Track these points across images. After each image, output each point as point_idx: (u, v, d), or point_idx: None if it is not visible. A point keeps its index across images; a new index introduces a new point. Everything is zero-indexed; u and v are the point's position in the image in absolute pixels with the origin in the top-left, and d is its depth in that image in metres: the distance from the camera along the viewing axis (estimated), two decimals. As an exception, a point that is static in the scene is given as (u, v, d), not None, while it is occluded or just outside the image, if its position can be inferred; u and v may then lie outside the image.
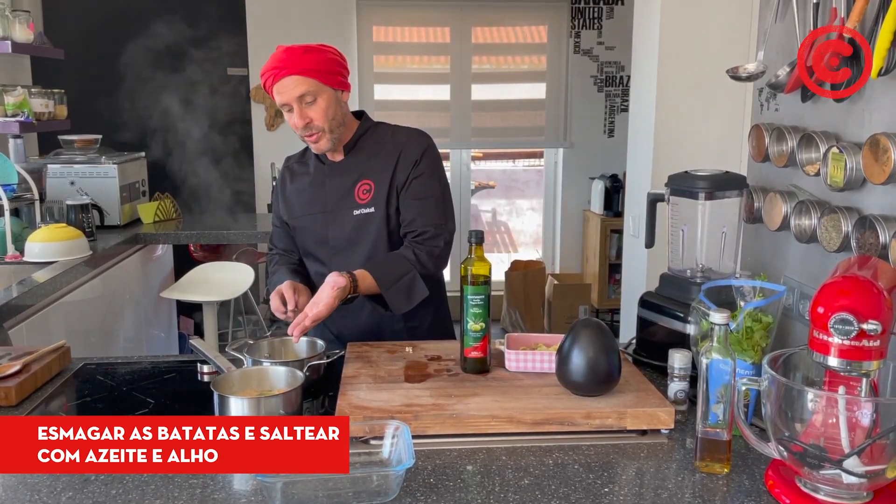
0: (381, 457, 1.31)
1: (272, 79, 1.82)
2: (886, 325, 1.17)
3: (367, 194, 1.93)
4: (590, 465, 1.33)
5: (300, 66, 1.80)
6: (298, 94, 1.81)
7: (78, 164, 3.59)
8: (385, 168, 1.93)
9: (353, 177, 1.95)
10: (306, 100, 1.82)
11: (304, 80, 1.81)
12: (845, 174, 1.61)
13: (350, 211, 1.94)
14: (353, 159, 1.96)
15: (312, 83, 1.81)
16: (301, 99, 1.82)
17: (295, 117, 1.84)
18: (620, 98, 5.55)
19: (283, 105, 1.84)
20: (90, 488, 1.25)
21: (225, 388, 1.48)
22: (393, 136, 1.98)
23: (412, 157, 1.93)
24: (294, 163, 2.09)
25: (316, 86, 1.82)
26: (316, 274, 2.03)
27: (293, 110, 1.83)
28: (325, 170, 1.98)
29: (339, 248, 1.97)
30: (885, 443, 1.15)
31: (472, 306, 1.63)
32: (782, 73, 1.88)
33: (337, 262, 1.96)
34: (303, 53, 1.81)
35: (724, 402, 1.28)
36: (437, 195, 1.95)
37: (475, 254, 1.63)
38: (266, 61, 1.84)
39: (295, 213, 2.02)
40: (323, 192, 1.97)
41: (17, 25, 3.59)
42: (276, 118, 5.19)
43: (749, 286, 1.56)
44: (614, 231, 5.29)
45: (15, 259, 2.87)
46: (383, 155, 1.95)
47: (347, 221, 1.94)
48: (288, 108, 1.85)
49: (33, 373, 1.68)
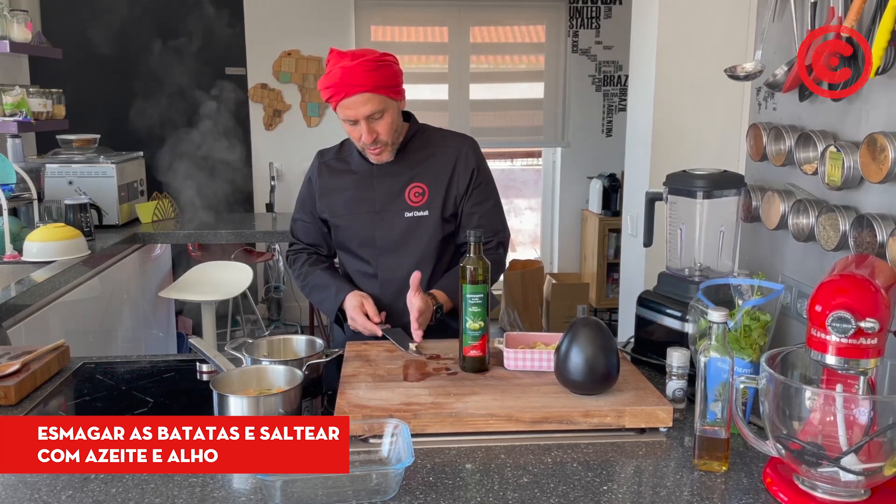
0: (381, 455, 1.32)
1: (342, 95, 1.78)
2: (884, 323, 1.17)
3: (419, 197, 1.93)
4: (588, 464, 1.33)
5: (372, 83, 1.77)
6: (368, 112, 1.79)
7: (76, 163, 3.59)
8: (440, 173, 1.94)
9: (404, 179, 1.95)
10: (375, 117, 1.81)
11: (375, 98, 1.78)
12: (843, 173, 1.61)
13: (401, 213, 1.94)
14: (404, 161, 1.95)
15: (382, 100, 1.80)
16: (370, 116, 1.80)
17: (363, 133, 1.82)
18: (618, 97, 5.55)
19: (347, 119, 1.82)
20: (90, 487, 1.25)
21: (224, 387, 1.48)
22: (444, 140, 2.00)
23: (471, 165, 1.96)
24: (332, 159, 2.05)
25: (385, 102, 1.81)
26: (357, 272, 2.02)
27: (359, 125, 1.81)
28: (372, 170, 1.96)
29: (387, 249, 1.96)
30: (883, 440, 1.15)
31: (470, 305, 1.64)
32: (780, 72, 1.89)
33: (384, 262, 1.97)
34: (374, 69, 1.77)
35: (723, 400, 1.29)
36: (496, 201, 2.01)
37: (474, 253, 1.64)
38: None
39: (338, 211, 2.00)
40: (371, 192, 1.96)
41: (15, 25, 3.59)
42: (274, 118, 5.20)
43: (747, 285, 1.56)
44: (612, 230, 5.30)
45: (13, 259, 2.87)
46: (437, 159, 1.96)
47: (397, 223, 1.94)
48: (352, 122, 1.82)
49: (32, 372, 1.68)
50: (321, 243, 2.09)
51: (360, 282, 2.03)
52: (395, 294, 1.94)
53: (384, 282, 1.98)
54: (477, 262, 1.63)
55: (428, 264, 1.96)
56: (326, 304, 1.99)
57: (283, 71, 5.12)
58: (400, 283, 1.88)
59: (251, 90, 5.15)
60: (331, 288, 1.98)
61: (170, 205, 4.00)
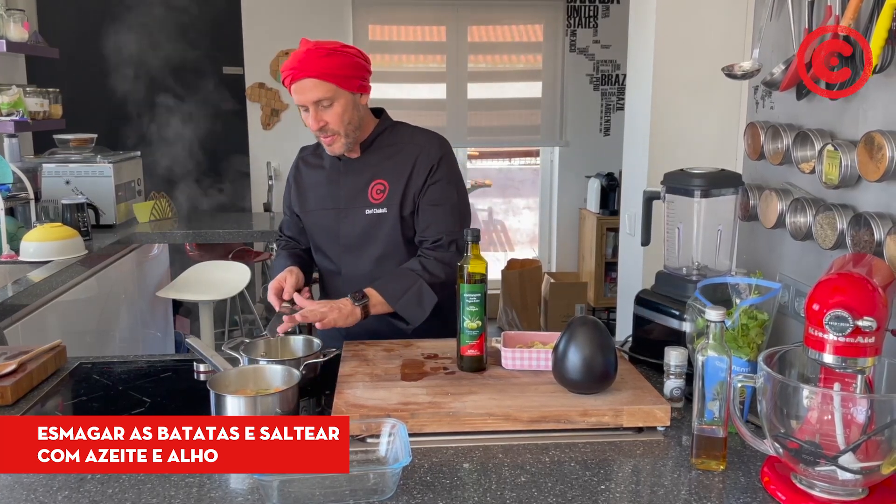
0: (378, 455, 1.31)
1: (290, 79, 1.81)
2: (881, 321, 1.17)
3: (380, 194, 1.92)
4: (586, 463, 1.33)
5: (319, 69, 1.78)
6: (315, 98, 1.80)
7: (73, 163, 3.58)
8: (401, 170, 1.92)
9: (368, 175, 1.94)
10: (323, 104, 1.81)
11: (322, 85, 1.79)
12: (840, 172, 1.61)
13: (362, 210, 1.93)
14: (370, 158, 1.95)
15: (330, 88, 1.80)
16: (318, 103, 1.81)
17: (310, 119, 1.83)
18: (616, 96, 5.55)
19: (300, 106, 1.84)
20: (86, 487, 1.25)
21: (221, 386, 1.48)
22: (411, 137, 1.98)
23: (430, 162, 1.92)
24: (309, 154, 2.07)
25: (333, 91, 1.80)
26: (325, 270, 2.04)
27: (309, 111, 1.83)
28: (340, 166, 1.97)
29: (350, 246, 1.97)
30: (880, 439, 1.15)
31: (468, 305, 1.64)
32: (777, 70, 1.89)
33: (347, 259, 1.97)
34: (324, 56, 1.79)
35: (720, 399, 1.28)
36: (453, 202, 1.94)
37: (471, 252, 1.64)
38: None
39: (308, 206, 2.02)
40: (337, 188, 1.97)
41: (11, 24, 3.58)
42: (271, 117, 5.19)
43: (744, 284, 1.56)
44: (610, 229, 5.30)
45: (10, 258, 2.86)
46: (400, 157, 1.94)
47: (359, 220, 1.94)
48: (304, 109, 1.84)
49: (29, 372, 1.67)
50: (300, 237, 2.11)
51: (327, 279, 2.05)
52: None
53: (346, 279, 1.97)
54: (473, 261, 1.63)
55: (390, 262, 1.92)
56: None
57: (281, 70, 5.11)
58: (363, 281, 1.86)
59: (248, 89, 5.14)
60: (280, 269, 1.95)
61: (167, 204, 4.00)
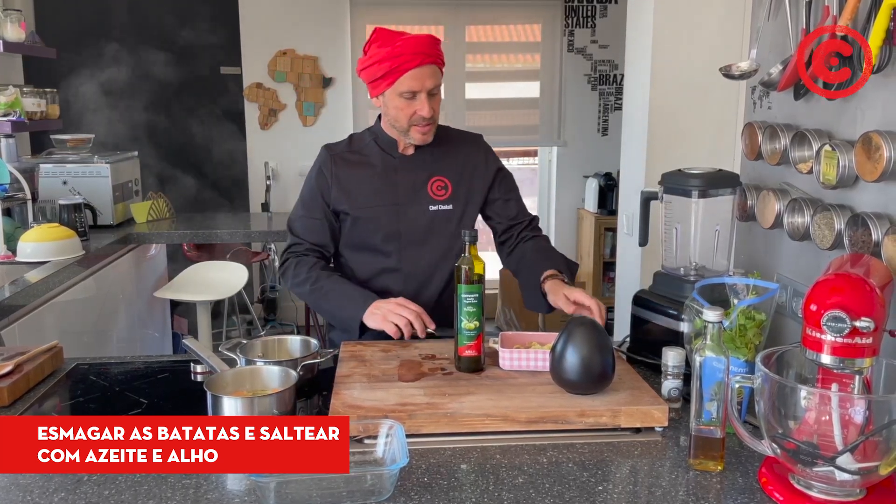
0: (375, 456, 1.31)
1: (413, 63, 1.79)
2: (879, 322, 1.17)
3: (442, 191, 1.96)
4: (584, 464, 1.33)
5: (439, 56, 1.85)
6: (434, 83, 1.84)
7: (70, 163, 3.57)
8: (461, 169, 1.99)
9: (426, 173, 1.97)
10: (433, 91, 1.85)
11: (438, 73, 1.86)
12: (838, 172, 1.61)
13: (425, 206, 1.95)
14: (424, 155, 1.98)
15: (440, 77, 1.87)
16: (431, 90, 1.84)
17: (423, 107, 1.84)
18: (614, 96, 5.55)
19: (409, 92, 1.83)
20: (83, 489, 1.24)
21: (218, 387, 1.47)
22: (458, 136, 2.06)
23: (489, 158, 2.05)
24: (344, 151, 2.01)
25: (440, 79, 1.87)
26: (375, 268, 1.97)
27: (416, 99, 1.84)
28: (395, 162, 1.97)
29: (412, 242, 1.96)
30: (878, 440, 1.15)
31: (465, 305, 1.63)
32: (775, 71, 1.89)
33: (408, 255, 1.96)
34: (437, 44, 1.85)
35: (718, 399, 1.28)
36: (518, 189, 2.10)
37: (469, 252, 1.63)
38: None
39: (359, 203, 1.95)
40: (393, 184, 1.96)
41: (8, 24, 3.57)
42: (269, 117, 5.19)
43: (742, 284, 1.56)
44: (608, 229, 5.30)
45: (7, 259, 2.85)
46: (455, 156, 2.00)
47: (422, 216, 1.95)
48: (409, 96, 1.83)
49: (26, 373, 1.67)
50: (328, 243, 2.00)
51: (380, 278, 1.99)
52: (418, 287, 1.96)
53: (408, 275, 1.96)
54: (471, 261, 1.63)
55: (449, 257, 1.96)
56: (349, 311, 1.85)
57: (279, 70, 5.11)
58: (423, 277, 1.91)
59: (246, 89, 5.14)
60: (354, 294, 1.86)
61: (165, 204, 3.99)
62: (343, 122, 5.21)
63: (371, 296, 1.85)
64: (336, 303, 1.89)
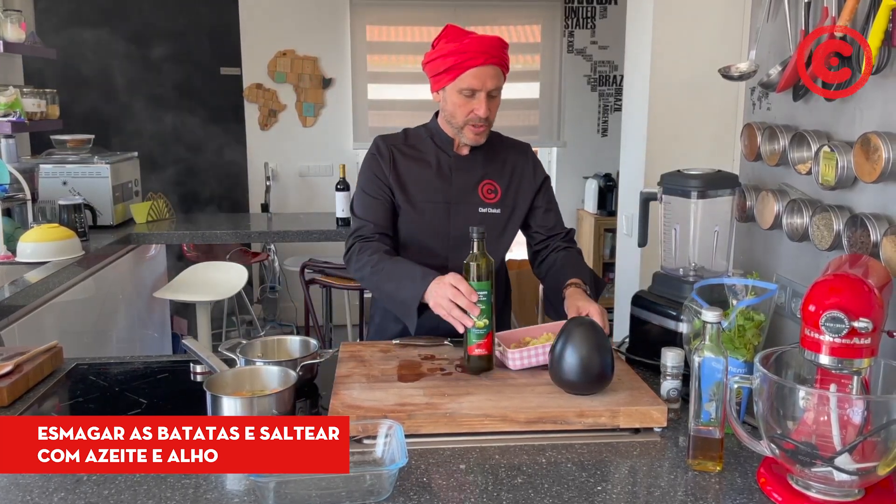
0: (375, 456, 1.31)
1: (479, 61, 1.80)
2: (877, 322, 1.17)
3: (491, 195, 1.97)
4: (583, 464, 1.33)
5: (504, 60, 1.85)
6: (494, 85, 1.84)
7: (70, 164, 3.57)
8: (511, 174, 2.01)
9: (478, 175, 1.98)
10: (493, 93, 1.86)
11: (501, 76, 1.87)
12: (837, 173, 1.61)
13: (475, 207, 1.97)
14: (477, 157, 1.99)
15: (502, 80, 1.87)
16: (491, 91, 1.84)
17: (479, 106, 1.84)
18: (614, 97, 5.55)
19: (468, 90, 1.83)
20: (82, 489, 1.25)
21: (218, 387, 1.48)
22: (506, 143, 2.07)
23: (540, 174, 2.06)
24: (401, 144, 2.00)
25: (503, 82, 1.88)
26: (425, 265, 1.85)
27: (476, 97, 1.84)
28: (451, 162, 1.98)
29: (459, 242, 1.94)
30: (876, 440, 1.15)
31: (478, 302, 1.63)
32: (774, 72, 1.89)
33: (454, 255, 1.94)
34: (504, 47, 1.86)
35: (717, 400, 1.29)
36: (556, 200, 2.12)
37: (478, 250, 1.63)
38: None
39: (413, 197, 1.95)
40: (448, 183, 1.97)
41: (8, 25, 3.57)
42: (269, 118, 5.19)
43: (741, 284, 1.56)
44: (608, 230, 5.30)
45: (7, 259, 2.85)
46: (504, 160, 2.02)
47: (472, 217, 1.96)
48: (468, 94, 1.84)
49: (25, 373, 1.67)
50: (391, 225, 1.96)
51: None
52: None
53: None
54: (481, 258, 1.63)
55: (497, 260, 1.95)
56: (408, 290, 1.77)
57: (279, 71, 5.12)
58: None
59: (246, 90, 5.14)
60: (414, 272, 1.78)
61: (164, 205, 3.99)
62: (343, 123, 5.21)
63: (431, 274, 1.75)
64: (396, 283, 1.82)
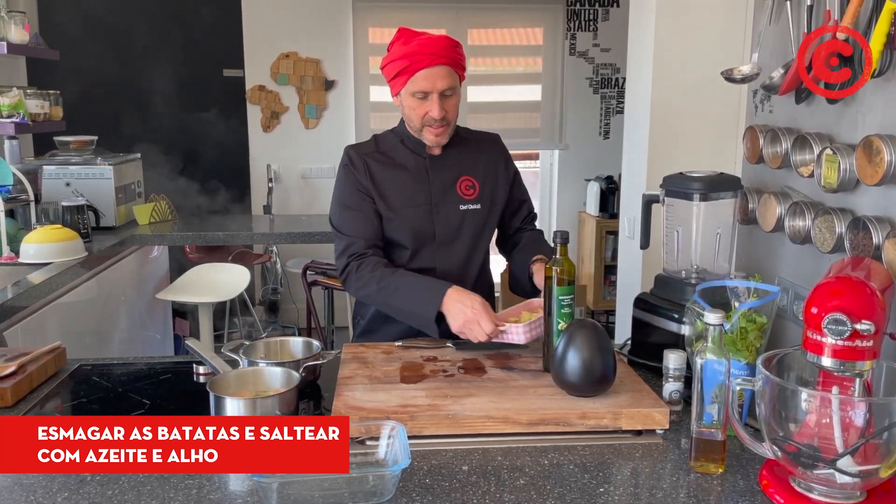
0: (377, 457, 1.32)
1: (424, 63, 1.81)
2: (879, 325, 1.17)
3: (470, 190, 1.98)
4: (585, 466, 1.34)
5: (452, 58, 1.84)
6: (445, 85, 1.84)
7: (73, 165, 3.58)
8: (486, 167, 2.02)
9: (455, 172, 1.99)
10: (447, 93, 1.85)
11: (453, 74, 1.85)
12: (839, 175, 1.62)
13: (456, 205, 1.97)
14: (450, 155, 1.99)
15: (455, 77, 1.86)
16: (444, 91, 1.84)
17: (434, 108, 1.84)
18: (616, 100, 5.56)
19: (420, 92, 1.84)
20: (86, 489, 1.25)
21: (221, 388, 1.48)
22: (476, 136, 2.07)
23: (511, 164, 2.09)
24: (372, 152, 1.98)
25: (456, 81, 1.87)
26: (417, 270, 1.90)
27: (429, 98, 1.84)
28: (425, 163, 1.98)
29: (445, 241, 1.97)
30: (879, 442, 1.15)
31: (563, 306, 1.63)
32: (776, 74, 1.89)
33: (442, 255, 1.96)
34: (453, 46, 1.85)
35: (719, 402, 1.29)
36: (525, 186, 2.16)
37: (561, 254, 1.63)
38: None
39: (394, 204, 1.93)
40: (426, 185, 1.97)
41: (12, 26, 3.58)
42: (271, 119, 5.20)
43: (743, 287, 1.56)
44: (610, 232, 5.30)
45: (10, 260, 2.86)
46: (477, 154, 2.03)
47: (454, 216, 1.97)
48: (421, 96, 1.85)
49: (29, 374, 1.67)
50: (380, 235, 1.94)
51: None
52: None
53: (442, 274, 1.92)
54: (564, 263, 1.62)
55: (478, 254, 2.01)
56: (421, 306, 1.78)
57: (281, 73, 5.12)
58: (455, 276, 1.91)
59: (249, 92, 5.15)
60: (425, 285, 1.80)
61: (167, 206, 4.00)
62: (345, 125, 5.22)
63: (442, 287, 1.77)
64: (407, 299, 1.81)
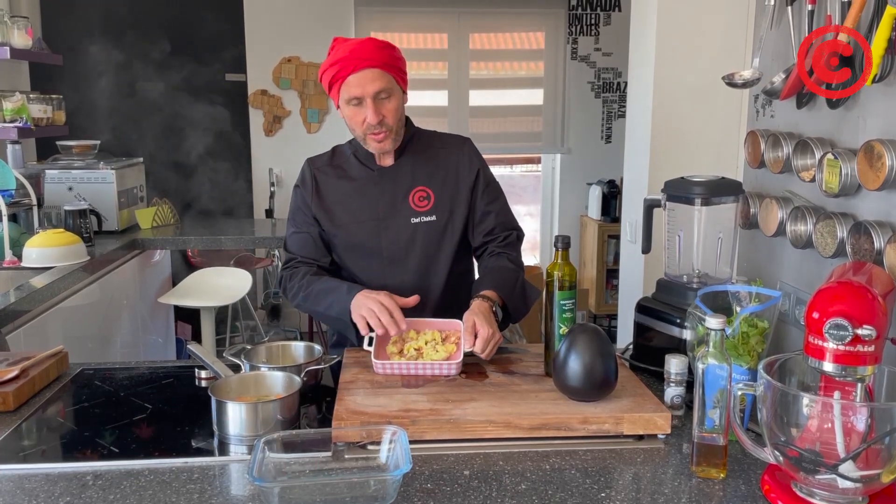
0: (379, 462, 1.32)
1: (350, 69, 1.75)
2: (881, 330, 1.17)
3: (424, 202, 1.89)
4: (587, 470, 1.33)
5: (381, 60, 1.77)
6: (377, 88, 1.77)
7: (76, 169, 3.59)
8: (444, 176, 1.92)
9: (407, 183, 1.90)
10: (381, 96, 1.79)
11: (384, 76, 1.77)
12: (840, 180, 1.62)
13: (407, 219, 1.89)
14: (404, 165, 1.91)
15: (390, 79, 1.79)
16: (377, 94, 1.78)
17: (368, 112, 1.78)
18: (618, 104, 5.56)
19: (354, 98, 1.78)
20: (87, 493, 1.25)
21: (222, 393, 1.48)
22: (441, 143, 1.98)
23: (474, 165, 1.96)
24: (325, 165, 1.97)
25: (391, 83, 1.80)
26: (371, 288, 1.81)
27: (364, 104, 1.78)
28: (373, 175, 1.91)
29: (395, 257, 1.89)
30: (880, 447, 1.15)
31: (564, 311, 1.62)
32: (778, 79, 1.89)
33: (392, 272, 1.89)
34: (381, 48, 1.78)
35: (721, 407, 1.29)
36: (503, 198, 2.00)
37: (561, 259, 1.63)
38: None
39: (339, 220, 1.91)
40: (372, 198, 1.90)
41: (15, 31, 3.60)
42: (273, 124, 5.21)
43: (745, 291, 1.56)
44: (611, 237, 5.30)
45: (13, 264, 2.87)
46: (437, 162, 1.93)
47: (403, 230, 1.89)
48: (356, 103, 1.79)
49: (31, 378, 1.68)
50: (321, 255, 1.93)
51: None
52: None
53: (395, 291, 1.83)
54: (564, 267, 1.62)
55: (433, 271, 1.91)
56: (337, 306, 1.78)
57: (283, 77, 5.14)
58: (410, 292, 1.80)
59: (251, 96, 5.16)
60: (340, 288, 1.80)
61: (169, 211, 4.01)
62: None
63: (355, 287, 1.78)
64: (325, 302, 1.81)
